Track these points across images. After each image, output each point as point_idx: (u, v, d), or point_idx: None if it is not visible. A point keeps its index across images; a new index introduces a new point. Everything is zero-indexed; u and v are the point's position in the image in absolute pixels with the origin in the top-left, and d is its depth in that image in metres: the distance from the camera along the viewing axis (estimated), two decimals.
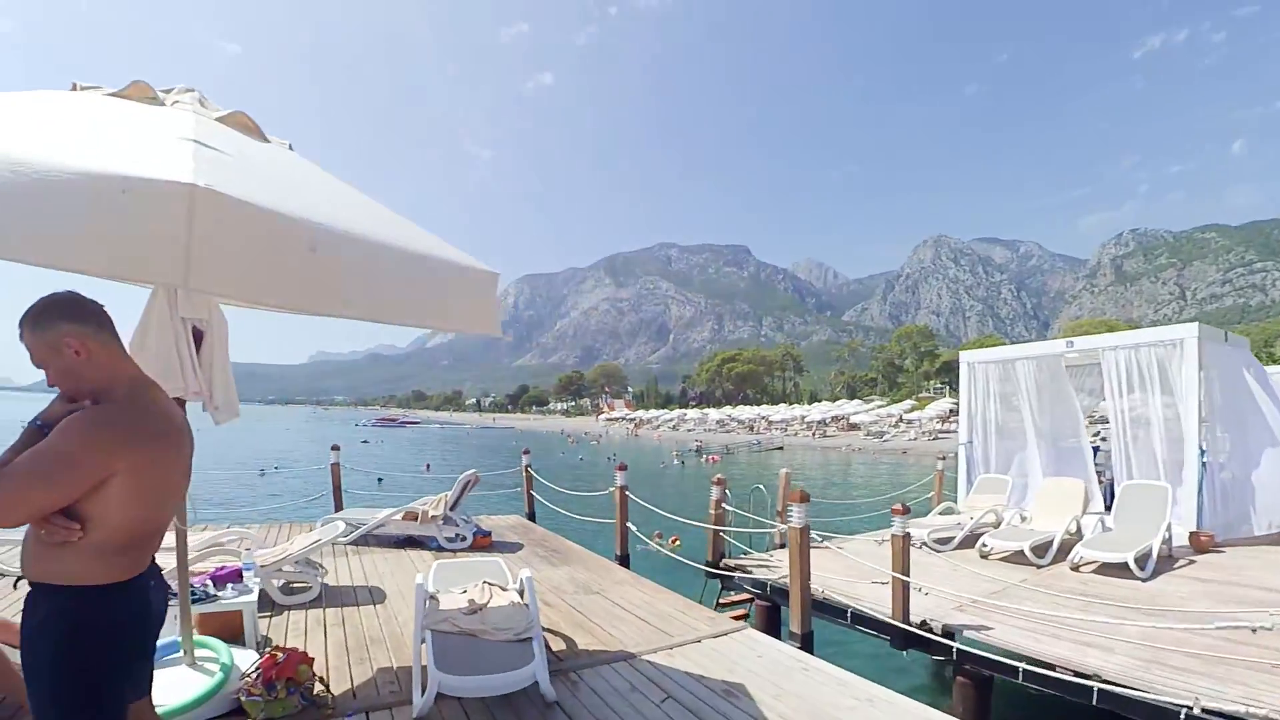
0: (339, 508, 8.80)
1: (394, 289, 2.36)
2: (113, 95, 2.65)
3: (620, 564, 7.13)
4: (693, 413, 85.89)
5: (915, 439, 51.55)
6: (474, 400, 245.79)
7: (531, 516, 9.56)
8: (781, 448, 52.78)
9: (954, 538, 8.19)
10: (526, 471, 9.69)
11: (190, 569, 4.59)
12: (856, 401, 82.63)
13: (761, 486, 9.14)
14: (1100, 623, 5.08)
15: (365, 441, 61.13)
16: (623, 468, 7.93)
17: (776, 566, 6.95)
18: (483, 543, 7.25)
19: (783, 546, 7.50)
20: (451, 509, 7.29)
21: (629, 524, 7.69)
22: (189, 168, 1.85)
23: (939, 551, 7.84)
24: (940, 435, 52.90)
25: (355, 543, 7.14)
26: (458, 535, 7.15)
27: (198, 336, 3.17)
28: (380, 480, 28.80)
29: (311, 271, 2.06)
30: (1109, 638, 4.66)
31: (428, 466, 39.57)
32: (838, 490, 28.48)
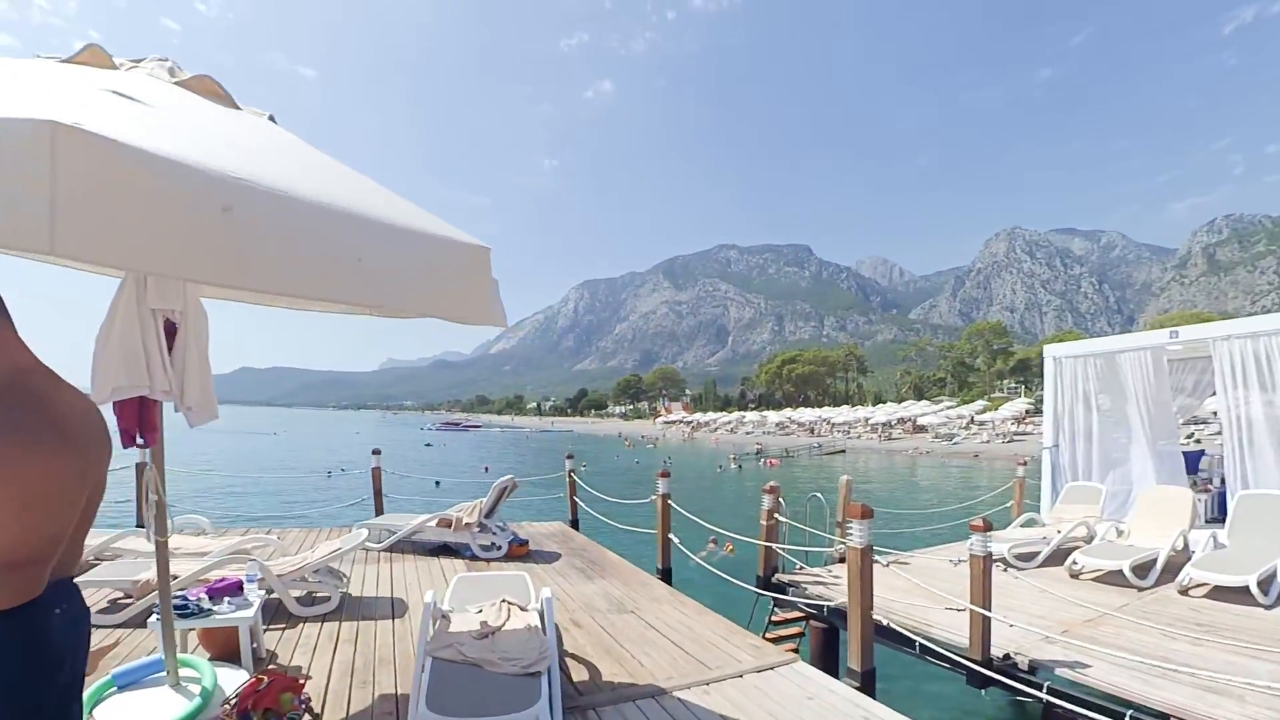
0: (379, 512, 8.66)
1: (342, 263, 1.92)
2: (64, 61, 2.38)
3: (661, 579, 6.62)
4: (751, 415, 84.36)
5: (988, 442, 48.78)
6: (534, 404, 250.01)
7: (574, 524, 9.18)
8: (844, 451, 50.95)
9: (1039, 554, 7.31)
10: (570, 477, 9.31)
11: (201, 578, 4.41)
12: (924, 403, 79.26)
13: (820, 495, 8.45)
14: (1223, 660, 4.25)
15: (429, 445, 62.85)
16: (665, 474, 7.42)
17: (834, 584, 6.30)
18: (519, 551, 6.90)
19: (842, 561, 6.84)
20: (487, 516, 6.97)
21: (672, 536, 7.19)
22: (65, 111, 1.48)
23: (1021, 570, 6.99)
24: (1016, 438, 49.91)
25: (390, 549, 6.92)
26: (493, 544, 6.82)
27: (170, 330, 2.89)
28: (438, 483, 29.29)
29: (225, 236, 1.66)
30: (1237, 681, 3.85)
31: (486, 469, 40.15)
32: (904, 497, 27.07)
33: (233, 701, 2.89)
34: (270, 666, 3.78)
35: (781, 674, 3.91)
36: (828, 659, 6.07)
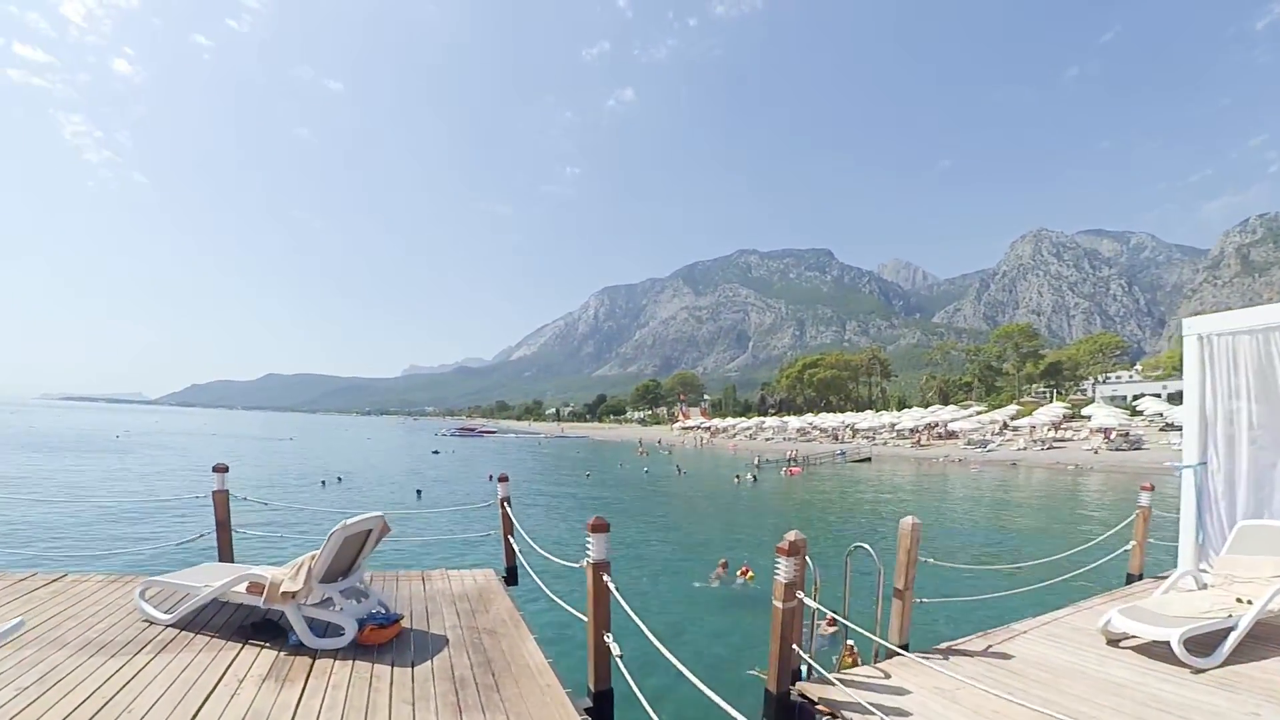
0: (225, 556, 6.05)
1: None
2: None
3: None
4: (771, 420, 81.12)
5: (1024, 449, 45.26)
6: (553, 410, 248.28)
7: (510, 575, 6.49)
8: (870, 459, 47.65)
9: (1223, 639, 4.51)
10: (502, 508, 6.62)
11: None
12: (952, 407, 75.42)
13: (866, 546, 5.65)
14: None
15: (436, 452, 60.64)
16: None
17: (892, 711, 3.58)
18: (379, 637, 4.25)
19: (896, 655, 4.14)
20: (335, 578, 4.34)
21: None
22: None
23: (1202, 666, 4.21)
24: (1055, 445, 46.27)
25: (182, 625, 4.34)
26: (331, 625, 4.19)
27: None
28: (419, 493, 26.86)
29: None
30: None
31: (491, 476, 37.75)
32: (957, 524, 23.92)
33: None
34: None
35: None
36: None
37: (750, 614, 12.35)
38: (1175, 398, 57.67)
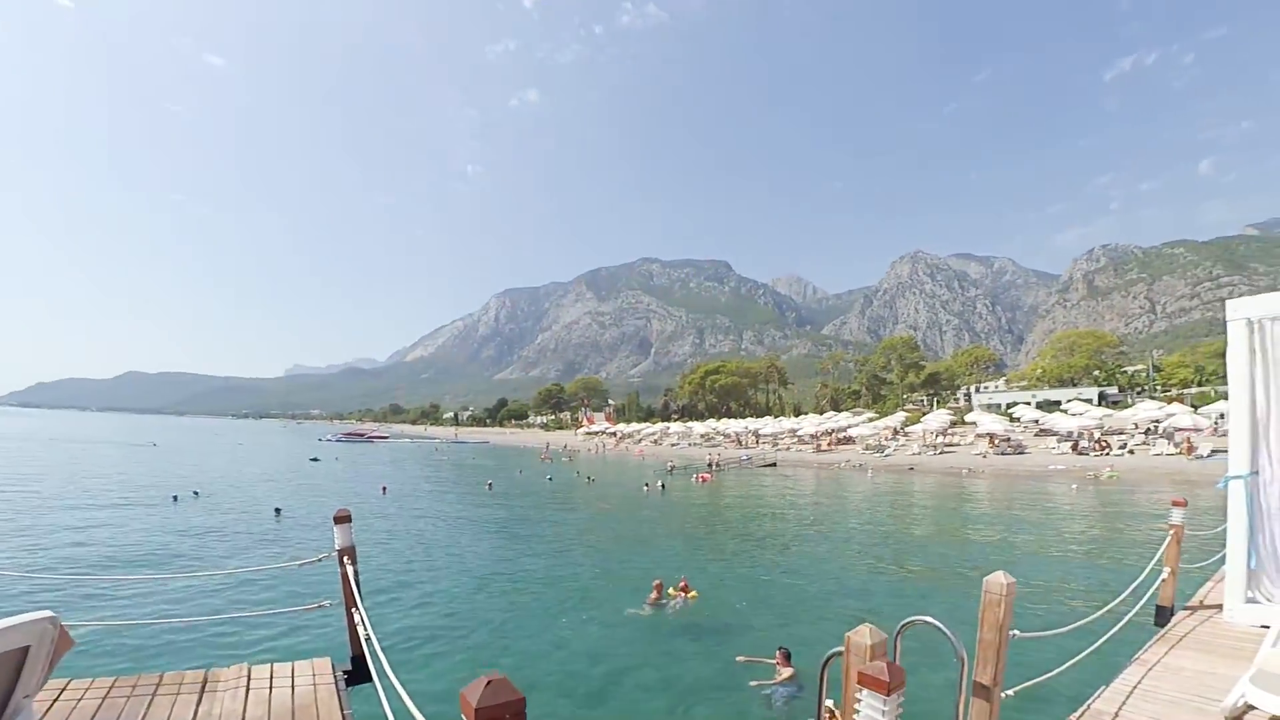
0: None
1: None
2: None
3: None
4: (676, 426, 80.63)
5: (919, 454, 46.85)
6: (452, 414, 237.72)
7: (356, 670, 4.17)
8: (775, 464, 47.70)
9: None
10: (342, 568, 4.29)
11: None
12: (846, 414, 78.10)
13: (938, 625, 3.74)
14: None
15: (315, 459, 54.80)
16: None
17: None
18: None
19: None
20: None
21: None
22: None
23: None
24: (946, 450, 48.29)
25: None
26: None
27: None
28: (279, 512, 23.08)
29: None
30: None
31: (385, 489, 34.00)
32: (894, 537, 23.29)
33: None
34: None
35: None
36: None
37: (698, 643, 10.52)
38: (1044, 405, 62.32)
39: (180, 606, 11.29)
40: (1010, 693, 3.48)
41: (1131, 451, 36.63)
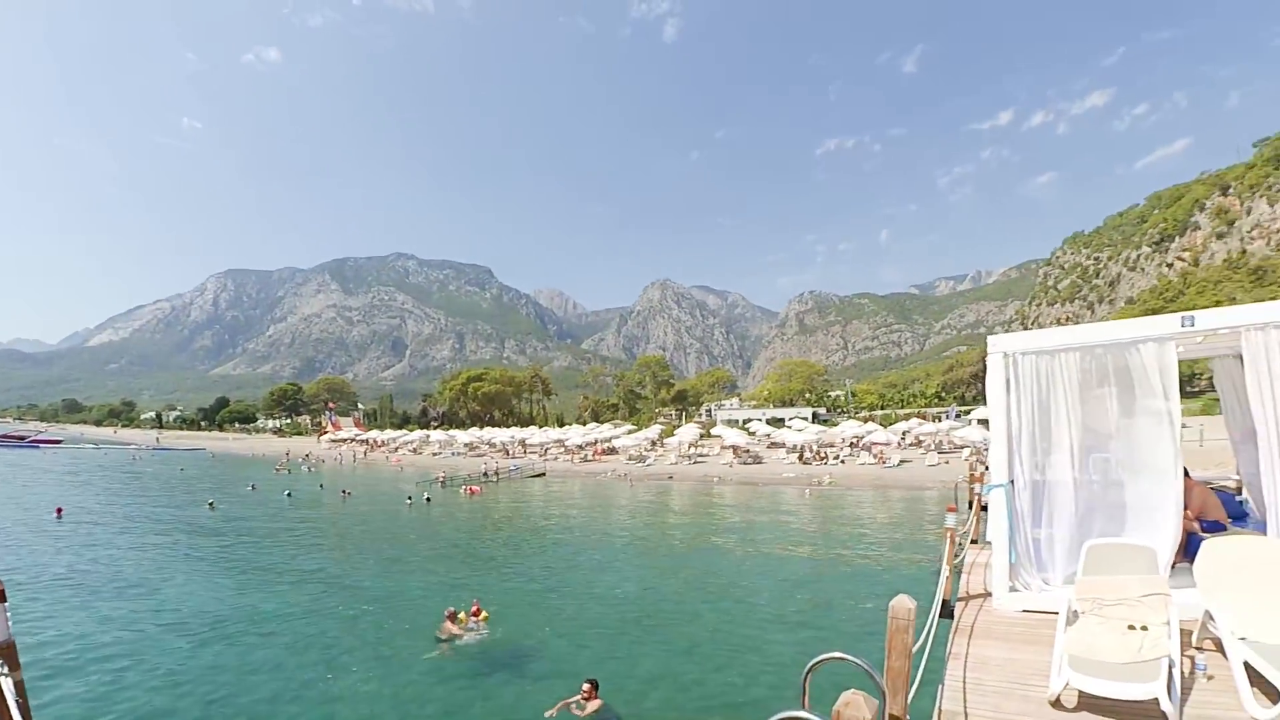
0: None
1: None
2: None
3: None
4: (438, 434, 76.46)
5: (676, 463, 50.93)
6: (153, 414, 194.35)
7: None
8: (544, 474, 47.93)
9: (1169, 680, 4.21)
10: None
11: None
12: (607, 425, 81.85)
13: (854, 659, 3.91)
14: None
15: None
16: None
17: None
18: None
19: None
20: None
21: None
22: None
23: None
24: (698, 460, 53.20)
25: None
26: None
27: None
28: None
29: None
30: None
31: (60, 512, 26.48)
32: (668, 542, 24.47)
33: None
34: None
35: None
36: None
37: (504, 681, 9.85)
38: (773, 421, 72.30)
39: None
40: None
41: (843, 461, 44.37)
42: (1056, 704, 4.28)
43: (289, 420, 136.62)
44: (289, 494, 36.00)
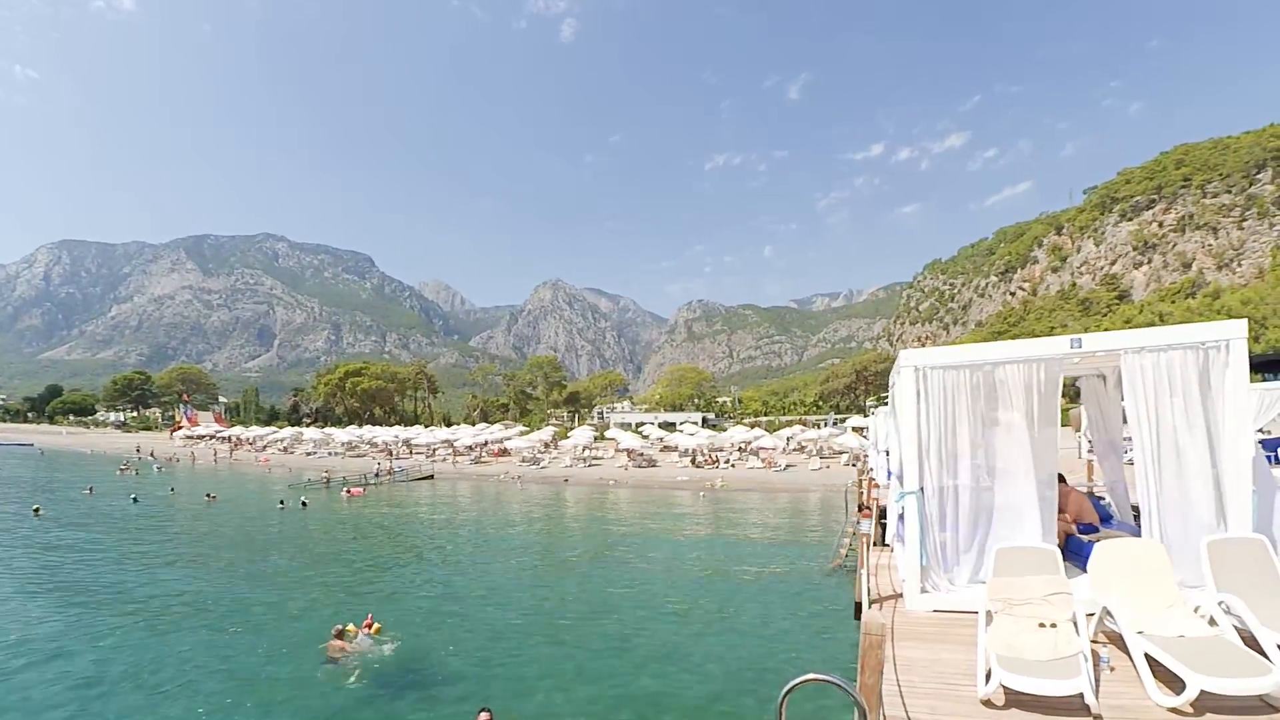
0: None
1: None
2: None
3: None
4: (312, 431, 71.04)
5: (571, 466, 50.58)
6: None
7: None
8: (432, 476, 45.83)
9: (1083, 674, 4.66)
10: None
11: None
12: (499, 426, 79.88)
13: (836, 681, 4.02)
14: None
15: None
16: None
17: None
18: None
19: None
20: None
21: None
22: None
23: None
24: (592, 463, 53.13)
25: None
26: None
27: None
28: None
29: None
30: None
31: None
32: (564, 548, 24.04)
33: None
34: None
35: None
36: None
37: (401, 698, 9.24)
38: (665, 425, 73.62)
39: None
40: None
41: (733, 465, 45.97)
42: (987, 703, 4.60)
43: (135, 413, 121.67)
44: (135, 498, 31.98)
